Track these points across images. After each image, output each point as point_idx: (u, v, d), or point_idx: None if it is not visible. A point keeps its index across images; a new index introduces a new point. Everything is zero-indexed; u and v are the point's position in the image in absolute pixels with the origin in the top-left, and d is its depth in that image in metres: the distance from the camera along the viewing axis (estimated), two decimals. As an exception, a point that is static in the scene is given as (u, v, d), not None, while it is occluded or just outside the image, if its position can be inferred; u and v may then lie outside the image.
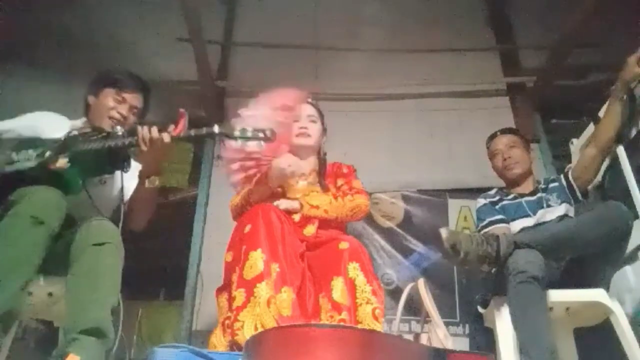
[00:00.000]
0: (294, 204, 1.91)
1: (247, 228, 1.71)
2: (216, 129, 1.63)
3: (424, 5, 3.96)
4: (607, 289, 1.80)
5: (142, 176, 1.71)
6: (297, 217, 1.90)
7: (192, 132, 1.66)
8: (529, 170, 2.27)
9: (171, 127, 1.65)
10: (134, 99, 1.87)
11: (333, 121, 2.34)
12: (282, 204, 1.88)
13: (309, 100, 2.25)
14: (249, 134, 1.63)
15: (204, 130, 1.65)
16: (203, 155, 3.59)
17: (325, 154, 2.19)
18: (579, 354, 1.87)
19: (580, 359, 1.86)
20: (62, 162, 1.55)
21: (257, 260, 1.62)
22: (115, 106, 1.83)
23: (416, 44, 3.76)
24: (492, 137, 2.35)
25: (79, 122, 1.86)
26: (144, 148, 1.61)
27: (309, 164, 2.13)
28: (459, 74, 3.67)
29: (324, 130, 2.20)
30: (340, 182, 2.10)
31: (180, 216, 3.49)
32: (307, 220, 1.91)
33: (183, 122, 1.68)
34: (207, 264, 3.11)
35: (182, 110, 1.70)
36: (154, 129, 1.62)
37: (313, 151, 2.15)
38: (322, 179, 2.08)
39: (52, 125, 1.76)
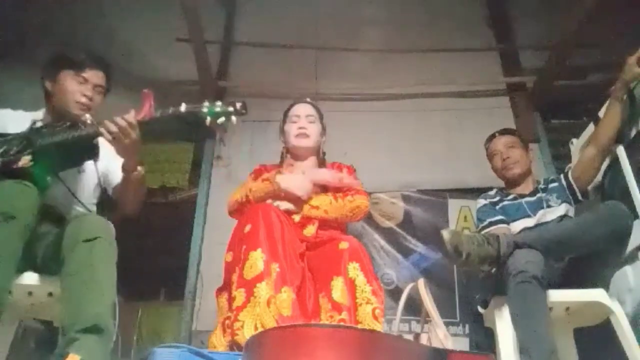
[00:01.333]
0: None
1: (247, 228, 1.71)
2: (183, 107, 1.56)
3: (423, 5, 3.97)
4: (607, 289, 1.80)
5: (125, 170, 1.67)
6: (297, 218, 1.90)
7: (159, 113, 1.59)
8: (528, 170, 2.27)
9: (132, 112, 1.58)
10: (95, 77, 1.76)
11: (333, 121, 2.34)
12: (283, 204, 1.88)
13: (308, 100, 2.25)
14: (218, 110, 1.56)
15: (170, 110, 1.57)
16: (203, 155, 3.60)
17: (324, 153, 2.19)
18: (579, 354, 1.87)
19: (580, 359, 1.86)
20: (25, 160, 1.49)
21: (257, 260, 1.62)
22: (79, 89, 1.72)
23: (416, 44, 3.77)
24: (491, 138, 2.35)
25: (40, 114, 1.78)
26: (108, 138, 1.55)
27: (309, 164, 2.13)
28: (459, 74, 3.67)
29: (323, 130, 2.20)
30: (340, 182, 2.10)
31: (180, 216, 3.49)
32: (307, 220, 1.91)
33: (148, 104, 1.60)
34: (207, 264, 3.12)
35: (145, 91, 1.61)
36: (118, 119, 1.55)
37: (312, 151, 2.15)
38: (321, 179, 2.08)
39: (13, 121, 1.70)
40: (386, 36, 3.89)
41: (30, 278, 1.53)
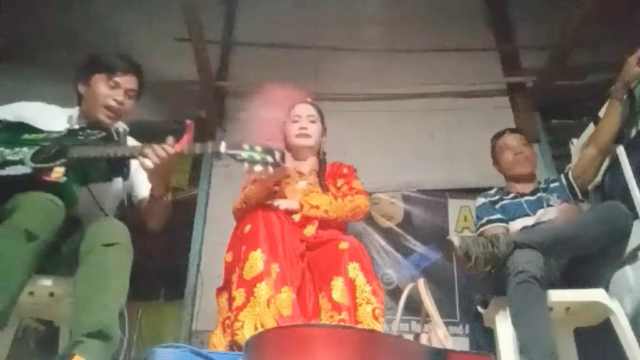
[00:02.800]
0: (294, 204, 1.91)
1: (247, 228, 1.71)
2: (222, 147, 1.52)
3: (424, 5, 3.97)
4: (607, 289, 1.80)
5: (153, 196, 1.67)
6: (297, 218, 1.90)
7: (197, 149, 1.56)
8: (533, 171, 2.26)
9: (170, 139, 1.56)
10: (127, 81, 1.75)
11: (333, 121, 2.35)
12: (282, 204, 1.88)
13: (309, 100, 2.25)
14: (257, 158, 1.51)
15: (209, 148, 1.54)
16: (203, 155, 3.59)
17: (325, 154, 2.19)
18: (579, 354, 1.87)
19: (580, 359, 1.86)
20: (58, 174, 1.47)
21: (257, 260, 1.62)
22: (110, 93, 1.71)
23: (416, 44, 3.77)
24: (501, 133, 2.33)
25: (75, 111, 1.77)
26: (146, 166, 1.53)
27: (309, 164, 2.13)
28: (459, 74, 3.67)
29: (324, 131, 2.20)
30: (340, 182, 2.10)
31: (180, 216, 3.48)
32: (307, 220, 1.91)
33: (188, 137, 1.58)
34: (207, 264, 3.12)
35: (188, 122, 1.59)
36: (158, 149, 1.52)
37: (313, 151, 2.15)
38: (322, 179, 2.08)
39: (44, 116, 1.69)
40: (386, 36, 3.88)
41: (31, 278, 1.53)
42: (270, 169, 1.53)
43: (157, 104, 3.29)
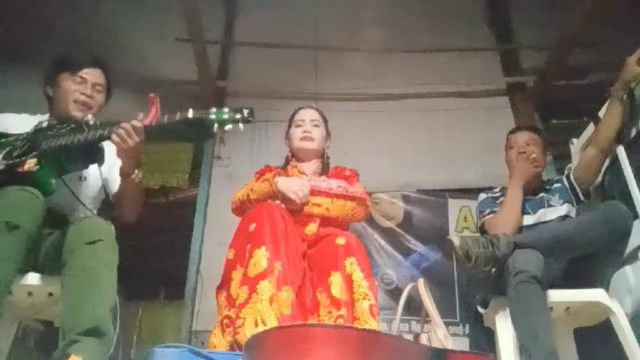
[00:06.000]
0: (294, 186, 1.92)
1: (252, 226, 1.71)
2: (190, 113, 1.53)
3: (424, 5, 3.97)
4: (607, 289, 1.80)
5: (124, 174, 1.65)
6: (299, 216, 1.90)
7: (165, 119, 1.56)
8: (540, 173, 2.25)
9: (140, 115, 1.57)
10: (93, 75, 1.75)
11: (333, 121, 2.35)
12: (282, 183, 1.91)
13: (313, 105, 2.27)
14: (226, 116, 1.53)
15: (177, 116, 1.54)
16: (203, 155, 3.60)
17: (328, 158, 2.20)
18: (579, 354, 1.87)
19: (580, 359, 1.87)
20: (31, 164, 1.48)
21: (260, 258, 1.62)
22: (77, 88, 1.71)
23: (416, 44, 3.77)
24: (515, 130, 2.32)
25: (46, 117, 1.77)
26: (116, 139, 1.54)
27: (312, 166, 2.14)
28: (459, 74, 3.67)
29: (328, 135, 2.21)
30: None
31: (180, 216, 3.49)
32: (308, 218, 1.92)
33: (155, 109, 1.59)
34: (207, 264, 3.12)
35: (152, 95, 1.61)
36: (124, 123, 1.53)
37: (316, 155, 2.17)
38: (324, 182, 2.09)
39: (16, 124, 1.70)
40: (386, 36, 3.89)
41: (30, 278, 1.53)
42: (241, 125, 1.54)
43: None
